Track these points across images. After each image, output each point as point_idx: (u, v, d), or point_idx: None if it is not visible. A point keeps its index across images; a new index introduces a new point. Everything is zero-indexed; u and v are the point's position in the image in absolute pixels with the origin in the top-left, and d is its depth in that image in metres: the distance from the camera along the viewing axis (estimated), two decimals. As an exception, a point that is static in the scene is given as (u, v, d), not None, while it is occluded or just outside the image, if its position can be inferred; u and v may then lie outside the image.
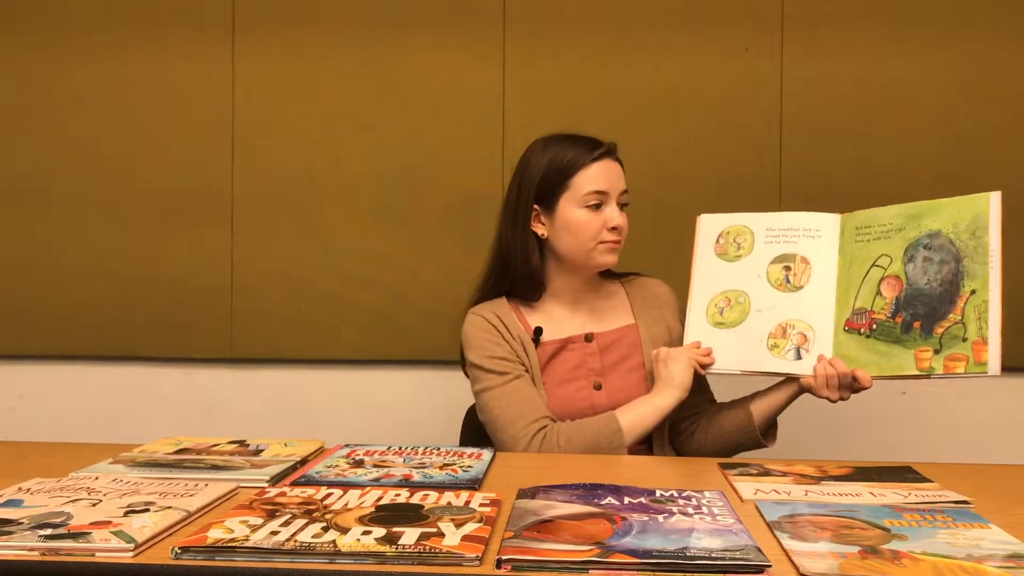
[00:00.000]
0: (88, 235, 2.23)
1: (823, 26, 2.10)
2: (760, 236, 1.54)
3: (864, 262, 1.45)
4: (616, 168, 1.54)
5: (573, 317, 1.59)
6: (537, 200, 1.53)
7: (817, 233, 1.50)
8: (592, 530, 0.90)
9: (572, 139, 1.55)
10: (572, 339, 1.56)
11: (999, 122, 2.07)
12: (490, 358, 1.52)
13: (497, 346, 1.53)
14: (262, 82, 2.20)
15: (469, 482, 1.14)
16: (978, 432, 2.09)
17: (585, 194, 1.50)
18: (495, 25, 2.16)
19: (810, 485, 1.14)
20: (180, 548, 0.85)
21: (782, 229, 1.53)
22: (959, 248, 1.36)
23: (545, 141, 1.56)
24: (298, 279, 2.20)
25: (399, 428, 2.18)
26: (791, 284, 1.49)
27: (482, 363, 1.52)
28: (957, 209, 1.38)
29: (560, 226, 1.53)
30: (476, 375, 1.54)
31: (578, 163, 1.51)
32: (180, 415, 2.24)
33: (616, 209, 1.52)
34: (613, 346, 1.57)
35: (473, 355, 1.54)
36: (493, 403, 1.49)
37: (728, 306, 1.53)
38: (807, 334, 1.46)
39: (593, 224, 1.51)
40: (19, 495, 1.04)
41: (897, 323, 1.39)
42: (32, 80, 2.24)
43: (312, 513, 0.96)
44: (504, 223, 1.58)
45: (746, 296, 1.52)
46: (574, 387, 1.53)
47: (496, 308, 1.57)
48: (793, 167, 2.10)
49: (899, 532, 0.92)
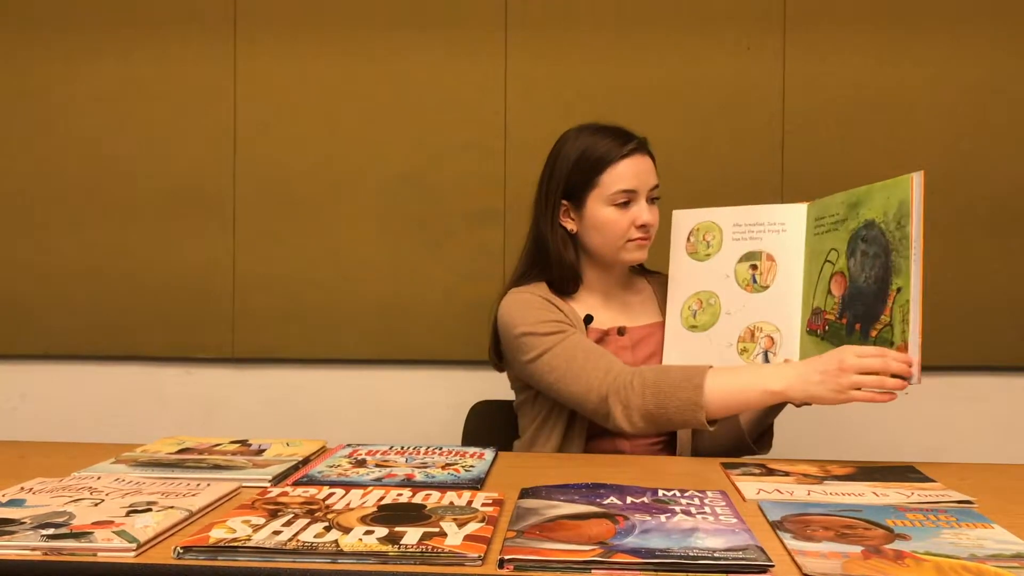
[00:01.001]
0: (89, 235, 2.23)
1: (825, 26, 2.10)
2: (728, 233, 1.48)
3: (819, 256, 1.37)
4: (647, 163, 1.52)
5: (607, 310, 1.58)
6: (566, 196, 1.52)
7: (782, 227, 1.42)
8: (594, 530, 0.90)
9: (603, 132, 1.52)
10: (607, 332, 1.55)
11: (1001, 122, 2.07)
12: (542, 322, 1.46)
13: (548, 312, 1.48)
14: (264, 82, 2.20)
15: (471, 482, 1.13)
16: (981, 432, 2.09)
17: (613, 193, 1.48)
18: (497, 25, 2.16)
19: (813, 485, 1.14)
20: (182, 548, 0.85)
21: (748, 224, 1.47)
22: (887, 240, 1.24)
23: (578, 132, 1.53)
24: (299, 278, 2.20)
25: (401, 428, 2.18)
26: (757, 284, 1.43)
27: (534, 329, 1.46)
28: (886, 195, 1.25)
29: (589, 224, 1.51)
30: (528, 343, 1.45)
31: (607, 160, 1.48)
32: (182, 415, 2.24)
33: (644, 206, 1.50)
34: (644, 342, 1.56)
35: (521, 326, 1.47)
36: (556, 360, 1.42)
37: (700, 308, 1.48)
38: (774, 336, 1.40)
39: (621, 223, 1.49)
40: (21, 495, 1.04)
41: (843, 324, 1.30)
42: (33, 80, 2.24)
43: (314, 513, 0.96)
44: (537, 215, 1.56)
45: (717, 298, 1.47)
46: None
47: (538, 290, 1.54)
48: (794, 167, 2.10)
49: (902, 532, 0.91)
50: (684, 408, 1.31)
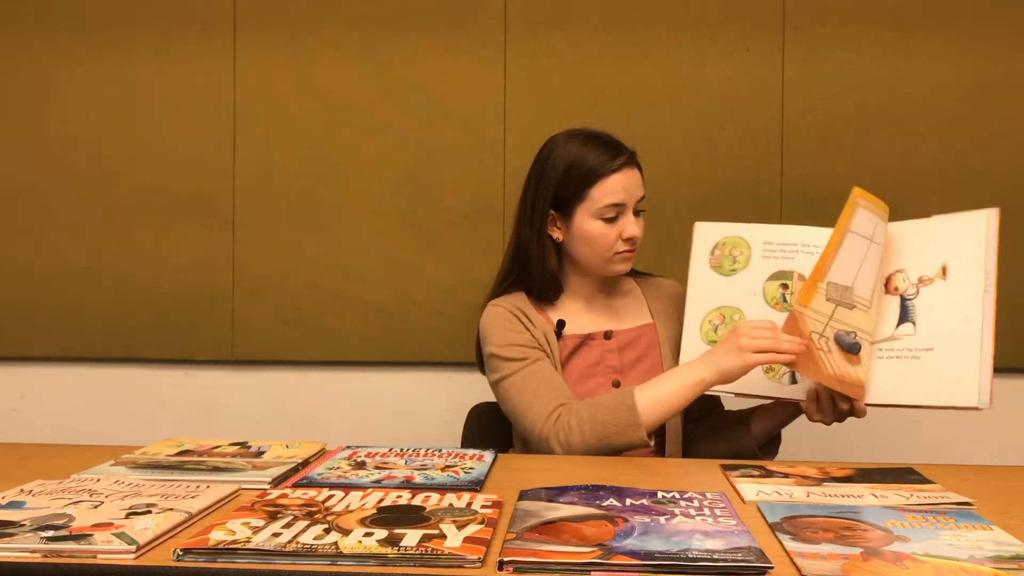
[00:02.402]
0: (89, 236, 2.23)
1: (824, 27, 2.10)
2: (757, 250, 1.47)
3: None
4: (635, 176, 1.51)
5: (591, 314, 1.58)
6: (554, 206, 1.52)
7: (816, 249, 1.39)
8: (594, 532, 0.90)
9: (593, 142, 1.51)
10: (592, 335, 1.55)
11: (1001, 124, 2.07)
12: (509, 346, 1.49)
13: (517, 334, 1.50)
14: (264, 83, 2.20)
15: (471, 484, 1.13)
16: (980, 434, 2.08)
17: (603, 207, 1.48)
18: (496, 26, 2.16)
19: (812, 486, 1.14)
20: (182, 550, 0.85)
21: (780, 243, 1.46)
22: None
23: (567, 140, 1.52)
24: (299, 280, 2.20)
25: (400, 430, 2.18)
26: (788, 304, 1.42)
27: (501, 352, 1.49)
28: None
29: (576, 235, 1.52)
30: (494, 365, 1.50)
31: (597, 174, 1.48)
32: (181, 417, 2.24)
33: (632, 219, 1.51)
34: (632, 344, 1.56)
35: (491, 345, 1.51)
36: (511, 389, 1.47)
37: (722, 323, 1.47)
38: None
39: (609, 236, 1.50)
40: (21, 497, 1.04)
41: None
42: (33, 80, 2.24)
43: (314, 515, 0.96)
44: (521, 221, 1.56)
45: (741, 314, 1.46)
46: (593, 383, 1.52)
47: (516, 301, 1.56)
48: (794, 169, 2.10)
49: (901, 534, 0.91)
50: (624, 431, 1.36)
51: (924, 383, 1.31)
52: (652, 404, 1.37)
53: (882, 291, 1.37)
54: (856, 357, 1.33)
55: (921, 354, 1.31)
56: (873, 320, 1.36)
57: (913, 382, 1.31)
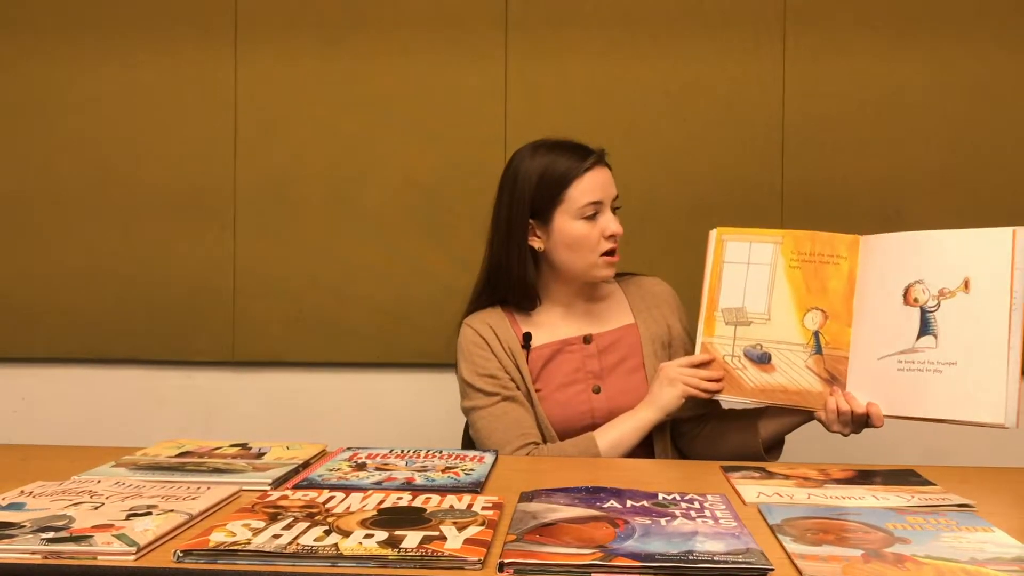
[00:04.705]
0: (90, 238, 2.23)
1: (826, 29, 2.10)
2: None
3: None
4: (607, 175, 1.53)
5: (570, 319, 1.58)
6: (532, 214, 1.52)
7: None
8: (594, 533, 0.90)
9: (560, 148, 1.52)
10: (569, 341, 1.55)
11: (1003, 125, 2.07)
12: (479, 376, 1.52)
13: (487, 362, 1.52)
14: (264, 84, 2.20)
15: (471, 485, 1.13)
16: (981, 435, 2.07)
17: (582, 206, 1.49)
18: (497, 27, 2.16)
19: (813, 488, 1.14)
20: (182, 551, 0.85)
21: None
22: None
23: (532, 151, 1.53)
24: (300, 282, 2.20)
25: (401, 431, 2.18)
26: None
27: (472, 380, 1.53)
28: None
29: (558, 239, 1.51)
30: (465, 391, 1.55)
31: (571, 175, 1.49)
32: (182, 418, 2.24)
33: (611, 216, 1.51)
34: (612, 347, 1.56)
35: (463, 371, 1.55)
36: (480, 423, 1.51)
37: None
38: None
39: (592, 235, 1.50)
40: (21, 498, 1.04)
41: None
42: (34, 82, 2.24)
43: (314, 516, 0.96)
44: (496, 237, 1.56)
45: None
46: (572, 391, 1.52)
47: (489, 317, 1.57)
48: (794, 169, 2.10)
49: (902, 535, 0.91)
50: (581, 451, 1.45)
51: (947, 397, 1.29)
52: (612, 446, 1.46)
53: (858, 303, 1.39)
54: (770, 366, 1.41)
55: (944, 368, 1.30)
56: (775, 328, 1.42)
57: (935, 396, 1.30)
